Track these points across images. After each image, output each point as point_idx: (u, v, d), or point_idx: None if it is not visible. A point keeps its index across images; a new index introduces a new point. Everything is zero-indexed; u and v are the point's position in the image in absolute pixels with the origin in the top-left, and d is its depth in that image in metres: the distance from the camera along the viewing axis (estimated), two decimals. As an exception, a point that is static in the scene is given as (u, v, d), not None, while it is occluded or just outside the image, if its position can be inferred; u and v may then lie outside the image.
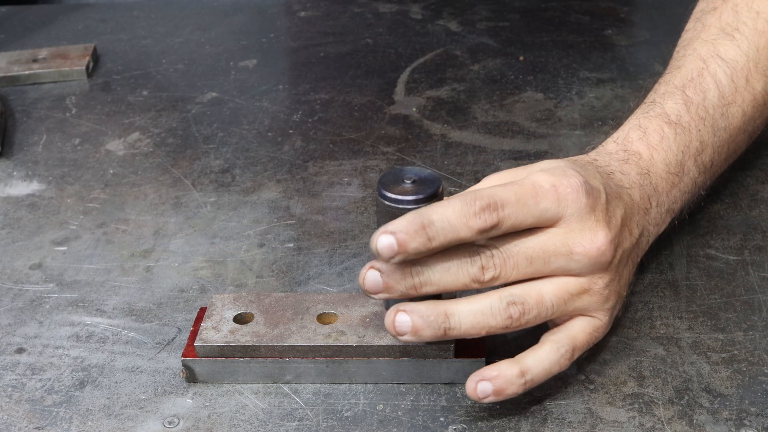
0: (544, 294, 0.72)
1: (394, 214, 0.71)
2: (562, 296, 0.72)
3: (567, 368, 0.73)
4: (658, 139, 0.82)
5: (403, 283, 0.70)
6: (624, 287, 0.77)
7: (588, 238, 0.72)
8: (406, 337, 0.71)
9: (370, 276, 0.70)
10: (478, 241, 0.71)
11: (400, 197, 0.71)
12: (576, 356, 0.74)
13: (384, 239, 0.68)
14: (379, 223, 0.72)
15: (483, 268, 0.71)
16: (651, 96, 0.86)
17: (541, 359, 0.72)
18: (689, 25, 0.92)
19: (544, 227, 0.72)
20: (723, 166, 0.88)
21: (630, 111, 0.86)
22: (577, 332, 0.74)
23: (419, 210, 0.69)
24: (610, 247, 0.73)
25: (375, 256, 0.69)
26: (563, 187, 0.72)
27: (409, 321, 0.70)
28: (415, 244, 0.68)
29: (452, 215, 0.69)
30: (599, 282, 0.74)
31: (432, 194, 0.71)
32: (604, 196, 0.74)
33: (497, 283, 0.71)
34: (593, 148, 0.83)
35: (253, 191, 0.98)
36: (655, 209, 0.80)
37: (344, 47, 1.24)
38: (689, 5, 0.95)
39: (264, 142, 1.06)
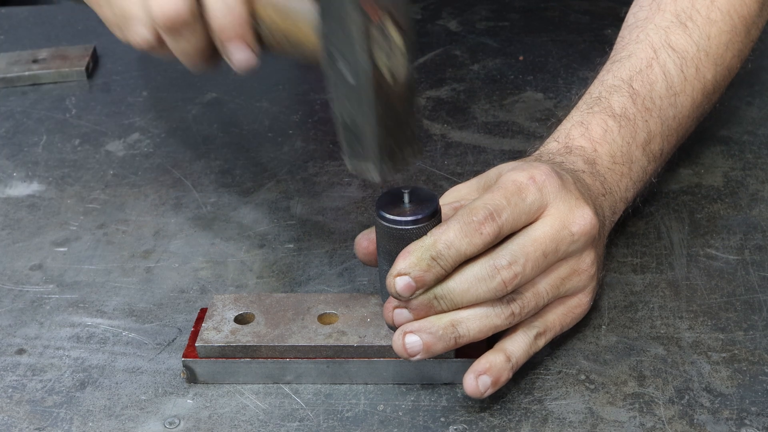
0: (538, 285, 0.73)
1: (395, 235, 0.72)
2: (555, 283, 0.74)
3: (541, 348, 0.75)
4: (601, 133, 0.82)
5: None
6: (601, 266, 0.79)
7: (579, 215, 0.73)
8: (419, 357, 0.71)
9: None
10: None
11: (399, 218, 0.72)
12: (550, 337, 0.75)
13: (400, 281, 0.70)
14: (380, 244, 0.73)
15: (505, 282, 0.71)
16: (596, 88, 0.86)
17: (519, 343, 0.73)
18: (644, 0, 0.91)
19: (534, 221, 0.73)
20: (672, 152, 0.89)
21: (574, 99, 0.87)
22: (548, 314, 0.75)
23: (424, 243, 0.70)
24: (596, 220, 0.74)
25: (395, 297, 0.71)
26: (539, 175, 0.73)
27: (419, 340, 0.70)
28: (431, 275, 0.70)
29: (456, 240, 0.70)
30: (586, 259, 0.75)
31: (431, 213, 0.72)
32: (569, 176, 0.75)
33: (520, 285, 0.72)
34: (535, 150, 0.83)
35: (253, 191, 0.98)
36: (609, 196, 0.81)
37: (344, 47, 1.24)
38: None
39: (264, 142, 1.06)
